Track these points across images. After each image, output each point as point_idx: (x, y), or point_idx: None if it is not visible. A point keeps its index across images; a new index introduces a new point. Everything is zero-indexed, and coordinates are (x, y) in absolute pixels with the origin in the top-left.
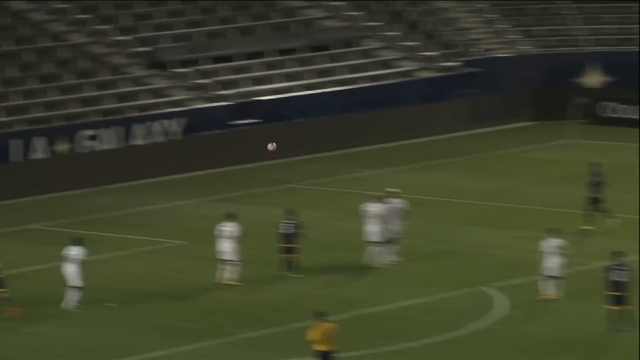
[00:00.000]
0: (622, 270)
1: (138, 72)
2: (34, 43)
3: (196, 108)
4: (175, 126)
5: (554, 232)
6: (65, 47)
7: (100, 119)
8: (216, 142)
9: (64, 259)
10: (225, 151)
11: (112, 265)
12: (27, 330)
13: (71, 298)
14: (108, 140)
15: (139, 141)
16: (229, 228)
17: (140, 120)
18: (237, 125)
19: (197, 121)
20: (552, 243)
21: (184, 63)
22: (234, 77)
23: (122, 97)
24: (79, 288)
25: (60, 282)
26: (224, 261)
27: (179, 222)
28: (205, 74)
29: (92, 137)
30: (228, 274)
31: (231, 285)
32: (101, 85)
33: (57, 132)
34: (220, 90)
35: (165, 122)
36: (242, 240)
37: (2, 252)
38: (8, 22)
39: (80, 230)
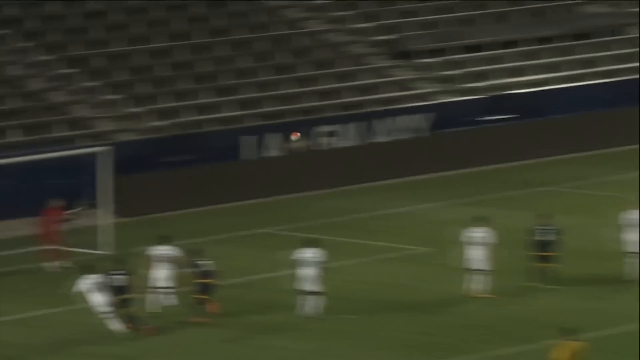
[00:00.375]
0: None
1: (380, 62)
2: (268, 31)
3: (444, 102)
4: (420, 122)
5: None
6: (302, 36)
7: (339, 113)
8: (465, 139)
9: (298, 263)
10: (475, 150)
11: (350, 273)
12: (259, 342)
13: (309, 305)
14: (347, 136)
15: (381, 138)
16: (479, 234)
17: (382, 115)
18: (488, 122)
19: (444, 116)
20: None
21: (431, 53)
22: (485, 68)
23: (363, 90)
24: (318, 293)
25: (294, 289)
26: (473, 270)
27: (424, 227)
28: (454, 65)
29: (330, 133)
30: (477, 285)
31: (481, 297)
32: (340, 77)
33: (292, 128)
34: (470, 82)
35: (410, 117)
36: (495, 247)
37: (230, 258)
38: (241, 9)
39: (316, 234)
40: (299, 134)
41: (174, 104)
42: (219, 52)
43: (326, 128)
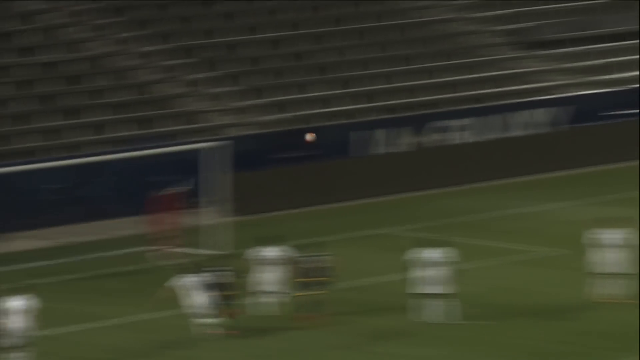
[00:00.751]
0: None
1: (502, 53)
2: (381, 20)
3: (569, 96)
4: (544, 117)
5: None
6: (417, 25)
7: (463, 107)
8: (594, 135)
9: (420, 264)
10: (605, 145)
11: (472, 276)
12: (376, 349)
13: (432, 309)
14: (464, 132)
15: (512, 133)
16: (613, 235)
17: (514, 108)
18: (628, 115)
19: (571, 111)
20: None
21: (557, 43)
22: (625, 58)
23: (493, 82)
24: (442, 297)
25: (415, 293)
26: (607, 274)
27: (551, 228)
28: (581, 56)
29: (451, 129)
30: (611, 290)
31: (614, 302)
32: (457, 69)
33: (404, 123)
34: (598, 75)
35: (533, 112)
36: (631, 250)
37: (347, 259)
38: None
39: (437, 235)
40: (314, 134)
41: (282, 98)
42: (330, 43)
43: (447, 123)
